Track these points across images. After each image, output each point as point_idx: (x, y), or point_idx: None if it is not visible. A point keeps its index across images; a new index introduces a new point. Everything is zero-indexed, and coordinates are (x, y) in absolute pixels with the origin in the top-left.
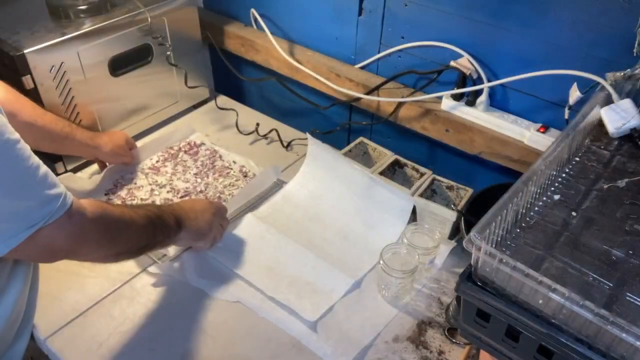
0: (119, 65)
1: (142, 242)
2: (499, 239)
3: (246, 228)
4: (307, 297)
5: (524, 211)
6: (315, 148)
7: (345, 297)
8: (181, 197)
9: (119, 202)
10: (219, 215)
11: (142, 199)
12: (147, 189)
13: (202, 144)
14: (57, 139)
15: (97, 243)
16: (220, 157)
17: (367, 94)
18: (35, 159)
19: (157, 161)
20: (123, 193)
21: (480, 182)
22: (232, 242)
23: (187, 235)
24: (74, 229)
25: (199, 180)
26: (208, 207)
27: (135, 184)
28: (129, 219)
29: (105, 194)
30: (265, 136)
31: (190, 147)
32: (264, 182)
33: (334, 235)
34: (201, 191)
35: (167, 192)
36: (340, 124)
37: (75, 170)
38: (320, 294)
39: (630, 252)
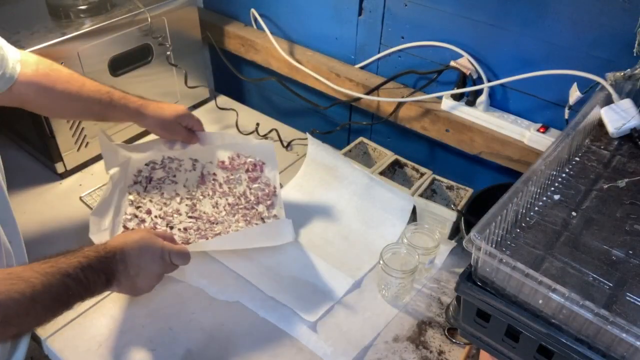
0: (119, 65)
1: (47, 317)
2: (499, 239)
3: None
4: (307, 298)
5: (524, 211)
6: (315, 148)
7: (345, 297)
8: (190, 216)
9: (141, 190)
10: (167, 270)
11: (163, 202)
12: (171, 197)
13: (271, 184)
14: (97, 111)
15: None
16: (271, 205)
17: (367, 94)
18: None
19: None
20: (152, 186)
21: (480, 182)
22: None
23: (117, 290)
24: None
25: (223, 212)
26: (157, 263)
27: (175, 176)
28: (29, 299)
29: (146, 165)
30: (265, 136)
31: (254, 168)
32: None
33: (334, 235)
34: (213, 223)
35: (186, 213)
36: (340, 124)
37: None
38: (321, 294)
39: (630, 252)
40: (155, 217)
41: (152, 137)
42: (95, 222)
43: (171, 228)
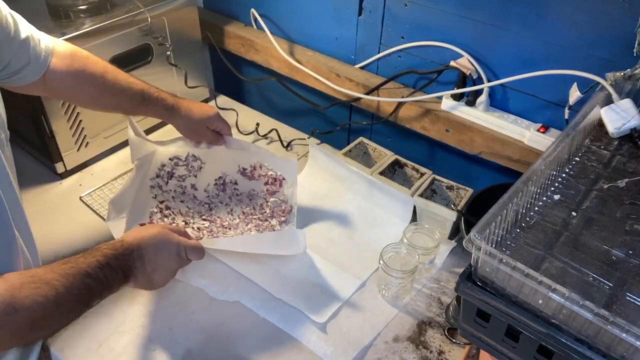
0: (119, 65)
1: (70, 318)
2: (499, 239)
3: None
4: (315, 299)
5: (524, 211)
6: (316, 150)
7: None
8: (204, 218)
9: (163, 184)
10: (182, 265)
11: (180, 200)
12: (190, 198)
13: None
14: (127, 107)
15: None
16: (284, 222)
17: (367, 94)
18: None
19: (237, 171)
20: (173, 182)
21: (480, 182)
22: None
23: (133, 285)
24: None
25: (237, 220)
26: (173, 259)
27: (196, 176)
28: (53, 302)
29: (170, 159)
30: (265, 136)
31: (274, 182)
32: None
33: (338, 236)
34: (227, 227)
35: (200, 217)
36: (340, 124)
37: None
38: (328, 296)
39: (630, 252)
40: (173, 212)
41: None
42: (113, 209)
43: (186, 224)
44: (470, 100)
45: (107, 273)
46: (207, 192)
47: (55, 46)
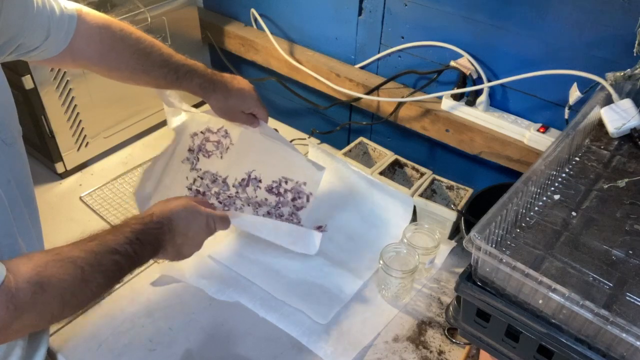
0: None
1: (103, 292)
2: (499, 239)
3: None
4: (317, 300)
5: (524, 211)
6: (316, 151)
7: None
8: (220, 201)
9: (192, 158)
10: (209, 235)
11: (199, 177)
12: (214, 180)
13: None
14: (162, 84)
15: (31, 325)
16: (296, 224)
17: (367, 94)
18: None
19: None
20: (202, 150)
21: (480, 182)
22: (238, 244)
23: (162, 257)
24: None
25: (251, 208)
26: (203, 230)
27: (221, 157)
28: (79, 280)
29: (202, 132)
30: None
31: (300, 196)
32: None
33: (338, 236)
34: (251, 205)
35: (216, 194)
36: (340, 124)
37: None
38: (330, 296)
39: (630, 252)
40: (204, 187)
41: None
42: (145, 178)
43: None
44: (470, 100)
45: (137, 248)
46: (235, 188)
47: (84, 17)
